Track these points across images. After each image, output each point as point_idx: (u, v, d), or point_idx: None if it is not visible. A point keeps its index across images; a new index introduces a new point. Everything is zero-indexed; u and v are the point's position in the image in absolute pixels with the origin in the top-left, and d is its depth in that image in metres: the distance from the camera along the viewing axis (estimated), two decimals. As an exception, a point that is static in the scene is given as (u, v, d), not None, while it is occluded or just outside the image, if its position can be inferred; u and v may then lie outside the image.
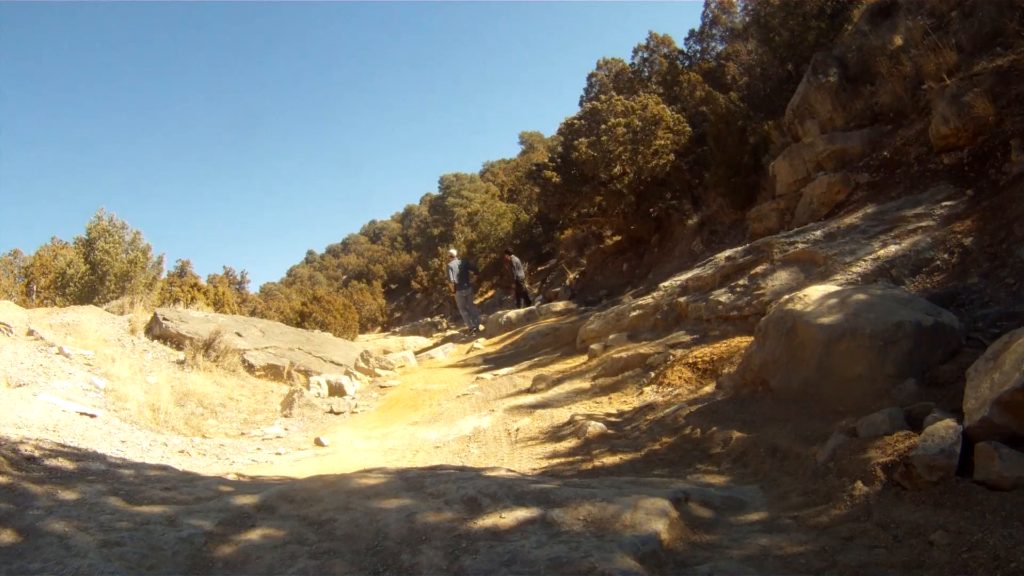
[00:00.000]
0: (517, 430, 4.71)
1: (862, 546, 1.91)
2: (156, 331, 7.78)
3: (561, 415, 4.86)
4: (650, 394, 4.85)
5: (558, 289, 14.96)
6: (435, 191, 37.59)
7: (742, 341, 4.75)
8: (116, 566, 1.85)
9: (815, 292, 3.77)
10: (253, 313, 16.36)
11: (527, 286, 14.10)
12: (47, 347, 6.23)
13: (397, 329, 20.30)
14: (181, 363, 7.07)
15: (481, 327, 12.25)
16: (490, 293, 20.35)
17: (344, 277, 40.60)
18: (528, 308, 11.49)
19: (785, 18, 10.37)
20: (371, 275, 34.80)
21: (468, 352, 9.93)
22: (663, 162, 11.93)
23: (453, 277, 11.93)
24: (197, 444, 5.15)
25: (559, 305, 11.10)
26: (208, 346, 7.29)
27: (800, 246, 5.34)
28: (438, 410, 6.13)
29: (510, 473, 3.31)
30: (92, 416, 4.88)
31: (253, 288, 23.33)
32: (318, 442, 5.34)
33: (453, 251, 13.47)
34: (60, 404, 4.84)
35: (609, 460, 3.59)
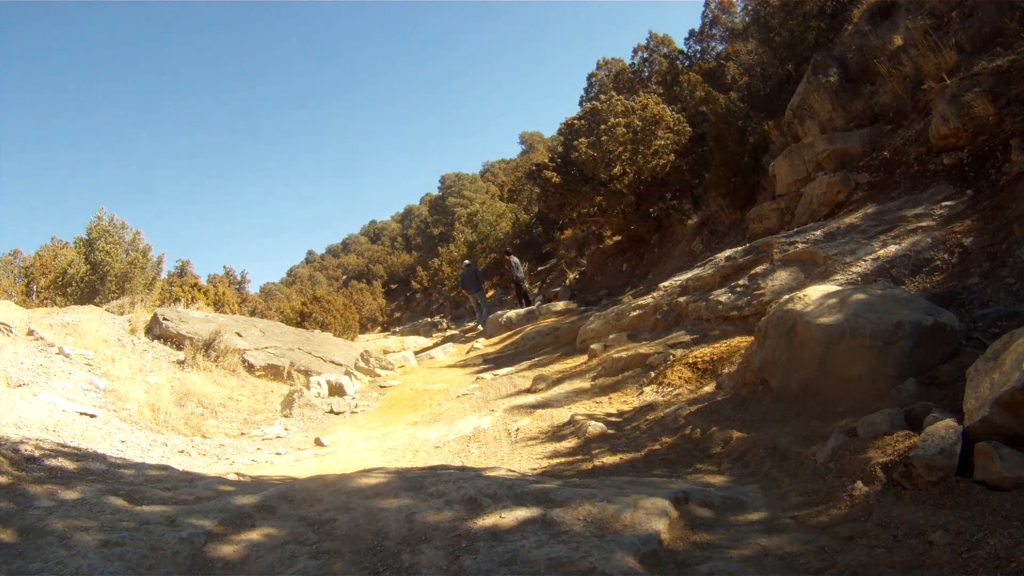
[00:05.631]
0: (517, 430, 4.72)
1: (862, 546, 1.91)
2: (156, 331, 7.78)
3: (561, 415, 4.86)
4: (650, 394, 4.85)
5: (558, 289, 14.97)
6: (435, 191, 37.62)
7: (742, 341, 4.75)
8: (116, 566, 1.85)
9: (815, 292, 3.77)
10: (253, 313, 16.35)
11: (527, 286, 14.14)
12: (47, 347, 6.23)
13: (397, 329, 20.31)
14: (181, 363, 7.07)
15: (480, 327, 12.31)
16: (490, 293, 20.36)
17: (344, 277, 40.60)
18: (528, 308, 11.51)
19: (785, 18, 10.37)
20: (371, 275, 34.81)
21: (468, 352, 9.93)
22: (663, 162, 11.93)
23: (462, 284, 13.41)
24: (197, 444, 5.15)
25: (559, 305, 11.10)
26: (208, 346, 7.29)
27: (800, 246, 5.35)
28: (438, 410, 6.13)
29: (510, 473, 3.31)
30: (92, 416, 4.88)
31: (253, 288, 23.34)
32: (318, 442, 5.34)
33: (467, 261, 14.58)
34: (60, 404, 4.84)
35: (609, 460, 3.60)
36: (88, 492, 2.43)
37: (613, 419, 4.51)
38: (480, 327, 12.47)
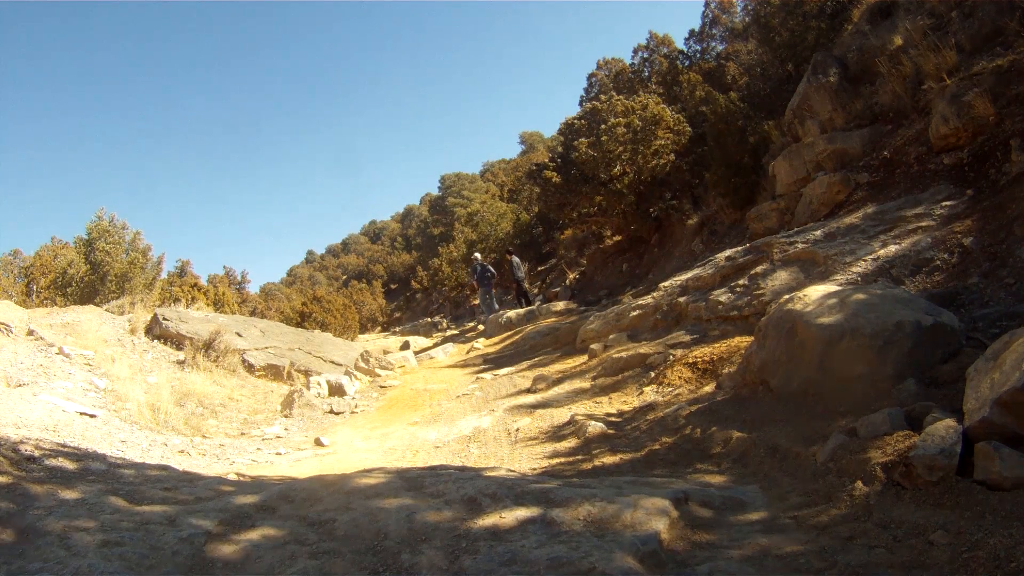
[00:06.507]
0: (517, 430, 4.72)
1: (862, 546, 1.91)
2: (156, 331, 7.78)
3: (561, 415, 4.86)
4: (650, 394, 4.85)
5: (558, 289, 14.96)
6: (435, 191, 37.61)
7: (742, 341, 4.75)
8: (116, 566, 1.85)
9: (815, 292, 3.77)
10: (253, 313, 16.35)
11: (527, 286, 14.15)
12: (47, 347, 6.23)
13: (397, 329, 20.29)
14: (181, 363, 7.07)
15: (480, 327, 12.32)
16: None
17: (344, 277, 40.59)
18: (528, 308, 11.51)
19: (785, 18, 10.37)
20: (371, 275, 34.79)
21: (468, 352, 9.93)
22: (663, 162, 11.93)
23: (475, 277, 13.61)
24: (197, 444, 5.15)
25: (559, 305, 11.09)
26: (208, 346, 7.29)
27: (800, 246, 5.35)
28: (438, 410, 6.13)
29: (510, 473, 3.31)
30: (92, 416, 4.88)
31: (253, 288, 23.28)
32: (318, 442, 5.34)
33: (477, 255, 14.86)
34: (60, 404, 4.84)
35: (609, 460, 3.60)
36: (88, 492, 2.43)
37: (613, 419, 4.51)
38: (481, 327, 12.52)
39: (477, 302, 14.40)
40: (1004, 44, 5.44)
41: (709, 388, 4.45)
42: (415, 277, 28.36)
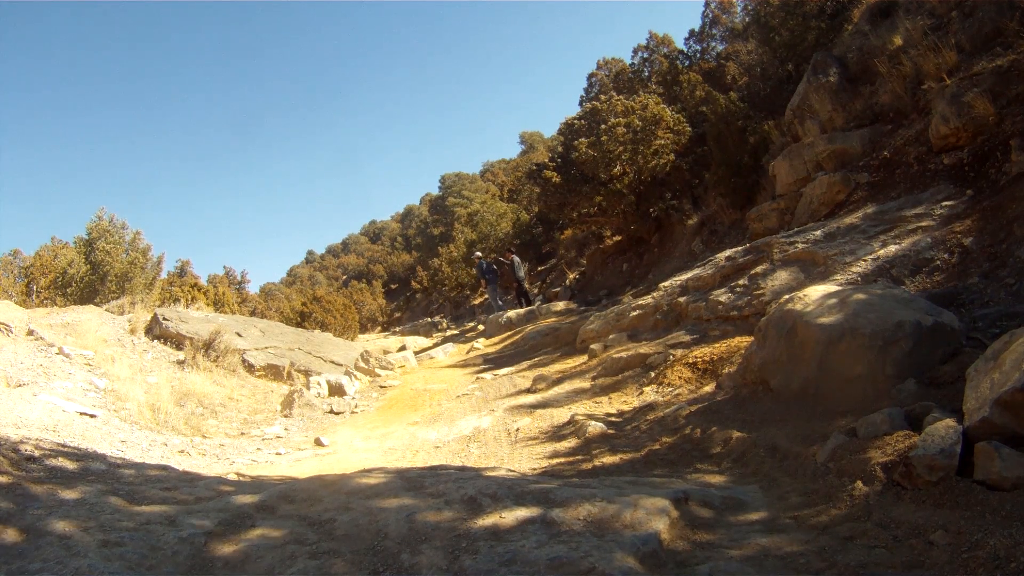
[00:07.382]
0: (517, 430, 4.72)
1: (862, 546, 1.91)
2: (156, 331, 7.78)
3: (561, 415, 4.86)
4: (650, 394, 4.85)
5: (558, 289, 14.97)
6: (435, 191, 37.61)
7: (742, 341, 4.75)
8: (116, 566, 1.85)
9: (815, 292, 3.77)
10: (253, 313, 16.34)
11: (527, 286, 14.16)
12: (47, 347, 6.23)
13: (397, 329, 20.28)
14: (181, 363, 7.07)
15: (480, 327, 12.34)
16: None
17: (344, 277, 40.59)
18: (528, 308, 11.51)
19: (785, 18, 10.37)
20: (371, 275, 34.78)
21: (468, 352, 9.93)
22: (663, 162, 11.92)
23: (482, 274, 13.89)
24: (197, 444, 5.15)
25: (559, 305, 11.10)
26: (208, 346, 7.29)
27: (800, 246, 5.35)
28: (438, 410, 6.13)
29: (510, 473, 3.31)
30: (92, 416, 4.88)
31: (253, 288, 23.27)
32: (318, 442, 5.34)
33: (478, 253, 15.28)
34: (60, 404, 4.84)
35: (609, 460, 3.60)
36: (88, 492, 2.44)
37: (613, 419, 4.51)
38: (481, 327, 12.55)
39: (487, 297, 14.60)
40: (1004, 44, 5.44)
41: (709, 388, 4.45)
42: (415, 277, 28.35)
